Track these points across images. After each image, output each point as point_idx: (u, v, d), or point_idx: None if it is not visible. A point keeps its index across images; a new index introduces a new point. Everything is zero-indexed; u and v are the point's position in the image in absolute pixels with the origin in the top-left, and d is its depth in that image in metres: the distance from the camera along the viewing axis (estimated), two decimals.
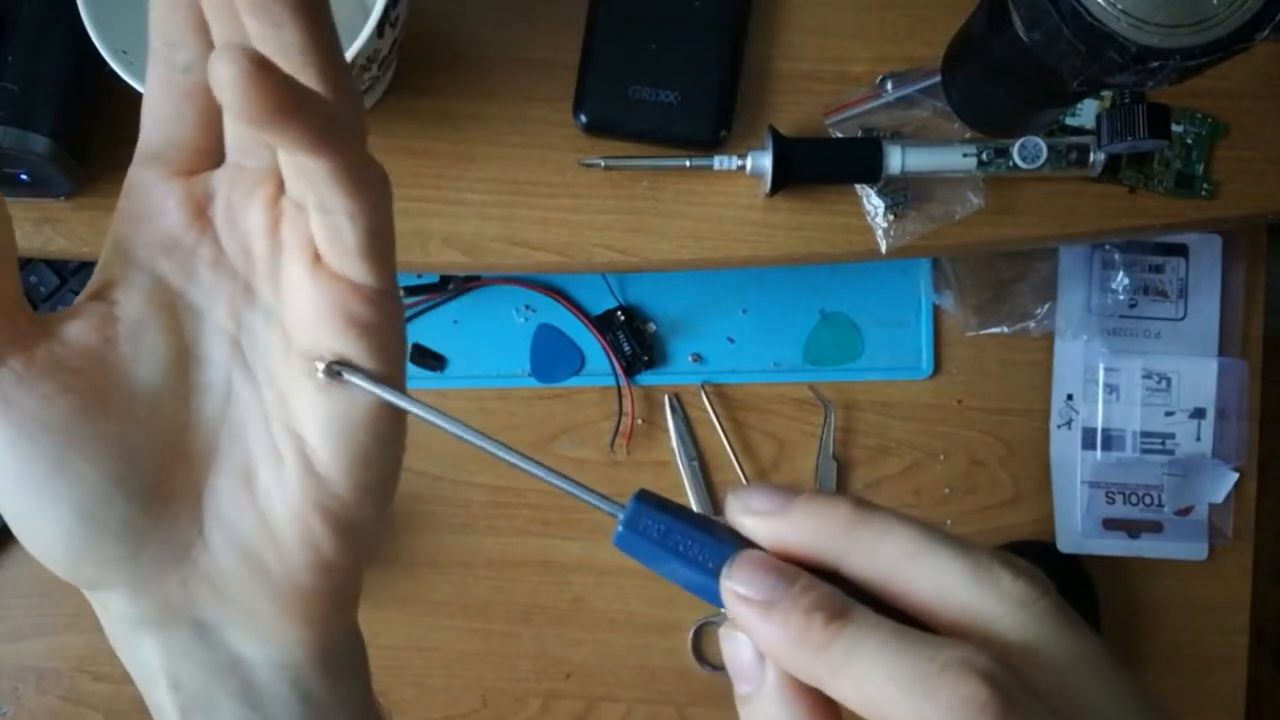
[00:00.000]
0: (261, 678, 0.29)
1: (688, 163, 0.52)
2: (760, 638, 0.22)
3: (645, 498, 0.25)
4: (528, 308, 0.68)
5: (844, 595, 0.22)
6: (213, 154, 0.29)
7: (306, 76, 0.23)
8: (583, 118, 0.52)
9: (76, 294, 0.61)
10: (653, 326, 0.68)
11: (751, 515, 0.24)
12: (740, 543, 0.24)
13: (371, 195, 0.25)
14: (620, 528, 0.24)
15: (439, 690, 0.66)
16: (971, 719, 0.19)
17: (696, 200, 0.53)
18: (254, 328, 0.29)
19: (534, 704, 0.67)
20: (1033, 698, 0.19)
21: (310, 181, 0.25)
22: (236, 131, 0.28)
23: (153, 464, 0.28)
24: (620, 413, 0.67)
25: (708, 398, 0.67)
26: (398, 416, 0.29)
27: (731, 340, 0.68)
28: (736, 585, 0.23)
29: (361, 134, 0.26)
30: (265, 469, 0.29)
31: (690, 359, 0.68)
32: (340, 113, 0.24)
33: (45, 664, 0.66)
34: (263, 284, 0.29)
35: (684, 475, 0.67)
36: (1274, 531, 0.70)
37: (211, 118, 0.29)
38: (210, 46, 0.27)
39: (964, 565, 0.22)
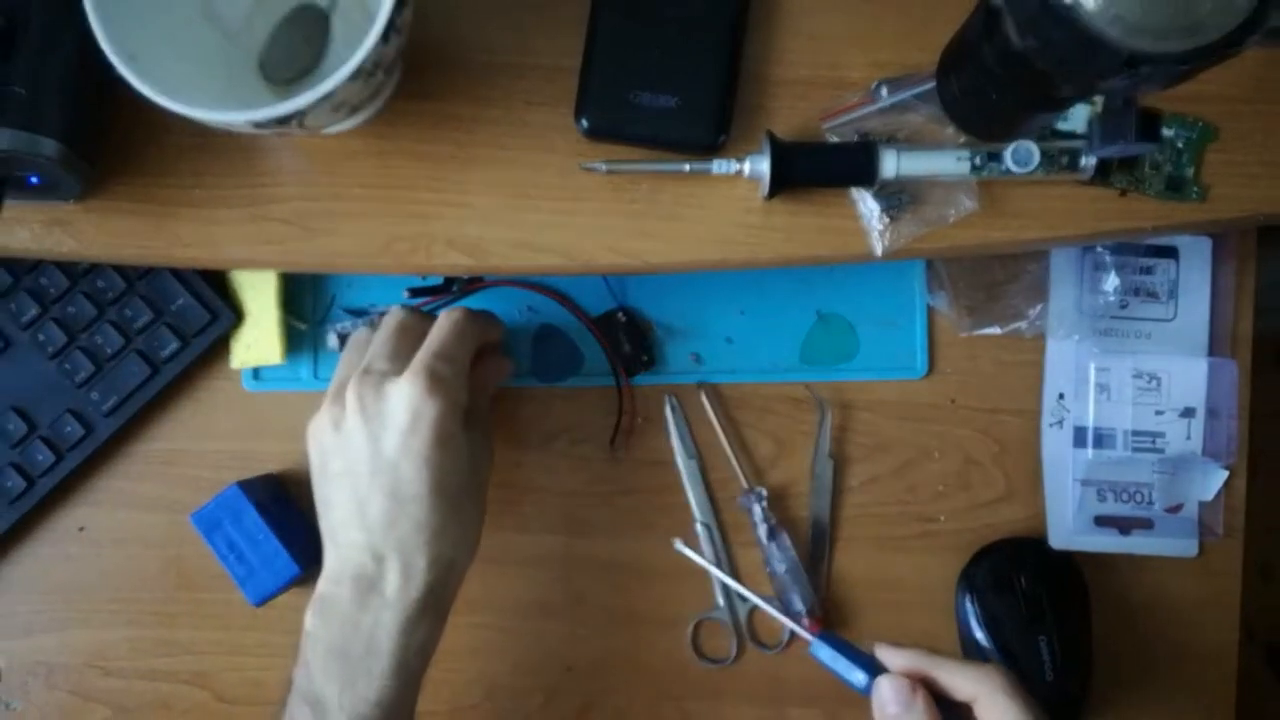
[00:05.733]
0: None
1: (687, 167, 0.53)
2: None
3: (826, 637, 0.50)
4: (530, 309, 0.68)
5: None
6: None
7: None
8: (584, 122, 0.53)
9: (86, 295, 0.62)
10: (653, 327, 0.69)
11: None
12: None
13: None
14: (815, 639, 0.50)
15: (442, 684, 0.67)
16: None
17: (695, 203, 0.54)
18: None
19: (536, 698, 0.68)
20: None
21: None
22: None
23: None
24: (620, 412, 0.68)
25: (706, 397, 0.68)
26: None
27: (730, 341, 0.69)
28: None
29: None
30: None
31: (689, 359, 0.69)
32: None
33: (54, 659, 0.67)
34: None
35: (683, 474, 0.68)
36: (1263, 529, 0.71)
37: None
38: None
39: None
